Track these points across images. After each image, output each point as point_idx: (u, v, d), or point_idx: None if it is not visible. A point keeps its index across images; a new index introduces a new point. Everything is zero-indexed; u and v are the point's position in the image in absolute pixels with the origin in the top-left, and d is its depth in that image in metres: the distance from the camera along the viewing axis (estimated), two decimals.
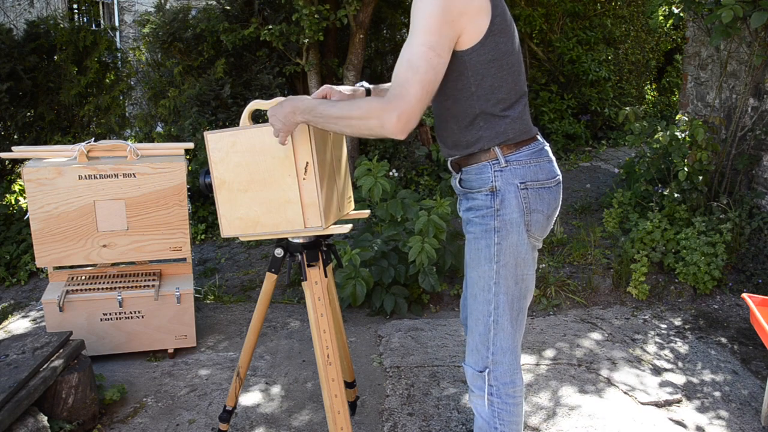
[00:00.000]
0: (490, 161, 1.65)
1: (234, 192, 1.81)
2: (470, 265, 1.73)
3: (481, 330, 1.71)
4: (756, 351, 3.02)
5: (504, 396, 1.73)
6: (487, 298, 1.68)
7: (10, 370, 2.22)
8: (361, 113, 1.51)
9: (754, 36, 3.68)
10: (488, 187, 1.65)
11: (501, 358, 1.71)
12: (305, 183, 1.76)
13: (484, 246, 1.67)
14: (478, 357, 1.73)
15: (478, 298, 1.71)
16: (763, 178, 3.78)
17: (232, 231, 1.85)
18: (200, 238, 4.93)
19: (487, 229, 1.66)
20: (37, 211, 2.81)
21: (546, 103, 7.07)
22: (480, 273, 1.69)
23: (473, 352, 1.74)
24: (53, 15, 5.67)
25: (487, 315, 1.69)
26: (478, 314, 1.71)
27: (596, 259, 3.90)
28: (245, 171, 1.79)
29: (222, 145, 1.79)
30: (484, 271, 1.68)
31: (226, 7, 5.45)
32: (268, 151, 1.75)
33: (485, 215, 1.66)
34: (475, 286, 1.71)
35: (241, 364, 2.13)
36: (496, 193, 1.64)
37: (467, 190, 1.71)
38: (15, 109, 5.05)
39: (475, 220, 1.69)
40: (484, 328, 1.70)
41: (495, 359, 1.71)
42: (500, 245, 1.65)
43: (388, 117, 1.46)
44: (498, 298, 1.67)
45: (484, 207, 1.66)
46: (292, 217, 1.79)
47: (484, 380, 1.72)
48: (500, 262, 1.66)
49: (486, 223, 1.66)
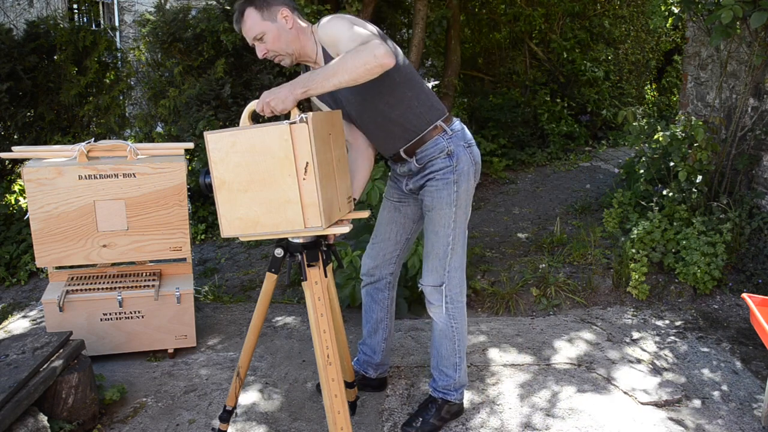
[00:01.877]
0: (440, 134, 2.19)
1: (234, 192, 1.80)
2: (433, 210, 2.22)
3: (440, 255, 2.25)
4: (756, 351, 3.02)
5: (455, 302, 2.32)
6: (447, 232, 2.23)
7: (10, 370, 2.22)
8: (352, 54, 1.82)
9: (754, 36, 3.68)
10: (445, 152, 2.19)
11: (454, 274, 2.28)
12: (305, 183, 1.75)
13: (446, 195, 2.19)
14: (436, 275, 2.27)
15: (439, 233, 2.23)
16: (763, 178, 3.78)
17: (232, 231, 1.84)
18: (200, 238, 4.93)
19: (447, 182, 2.19)
20: (37, 211, 2.81)
21: (545, 103, 7.07)
22: (442, 215, 2.21)
23: (432, 272, 2.27)
24: (53, 15, 5.67)
25: (446, 245, 2.23)
26: (439, 244, 2.24)
27: (596, 259, 3.90)
28: (245, 171, 1.78)
29: (222, 145, 1.79)
30: (446, 213, 2.21)
31: (226, 7, 5.44)
32: (268, 151, 1.75)
33: (446, 172, 2.19)
34: (437, 225, 2.23)
35: (241, 365, 2.13)
36: (451, 155, 2.19)
37: (427, 162, 2.21)
38: (15, 109, 5.05)
39: (437, 177, 2.19)
40: (443, 253, 2.24)
41: (450, 275, 2.27)
42: (458, 193, 2.20)
43: (375, 45, 1.81)
44: (455, 231, 2.23)
45: (444, 167, 2.19)
46: (292, 217, 1.78)
47: (441, 293, 2.28)
48: (458, 204, 2.21)
49: (446, 178, 2.19)
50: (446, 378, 2.42)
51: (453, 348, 2.38)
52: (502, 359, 2.94)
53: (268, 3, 2.06)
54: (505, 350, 3.03)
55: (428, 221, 2.26)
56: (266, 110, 1.82)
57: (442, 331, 2.36)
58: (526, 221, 4.91)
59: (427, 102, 2.20)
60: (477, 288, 3.70)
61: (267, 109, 1.82)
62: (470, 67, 7.76)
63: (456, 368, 2.41)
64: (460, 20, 6.66)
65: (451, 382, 2.42)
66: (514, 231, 4.69)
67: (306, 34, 2.11)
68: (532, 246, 4.31)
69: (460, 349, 2.39)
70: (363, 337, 2.65)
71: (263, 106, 1.82)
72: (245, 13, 2.05)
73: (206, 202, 5.14)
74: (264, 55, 2.08)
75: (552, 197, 5.46)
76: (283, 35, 2.06)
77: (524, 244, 4.40)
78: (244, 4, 2.06)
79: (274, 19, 2.05)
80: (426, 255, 2.30)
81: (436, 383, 2.45)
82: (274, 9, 2.05)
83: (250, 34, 2.07)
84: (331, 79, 1.81)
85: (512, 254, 4.21)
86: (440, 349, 2.39)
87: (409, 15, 6.68)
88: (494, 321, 3.42)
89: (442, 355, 2.40)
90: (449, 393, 2.44)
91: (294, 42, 2.08)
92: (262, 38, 2.06)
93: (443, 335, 2.37)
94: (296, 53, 2.11)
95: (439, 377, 2.43)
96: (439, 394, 2.44)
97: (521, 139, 6.80)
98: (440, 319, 2.34)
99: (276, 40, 2.05)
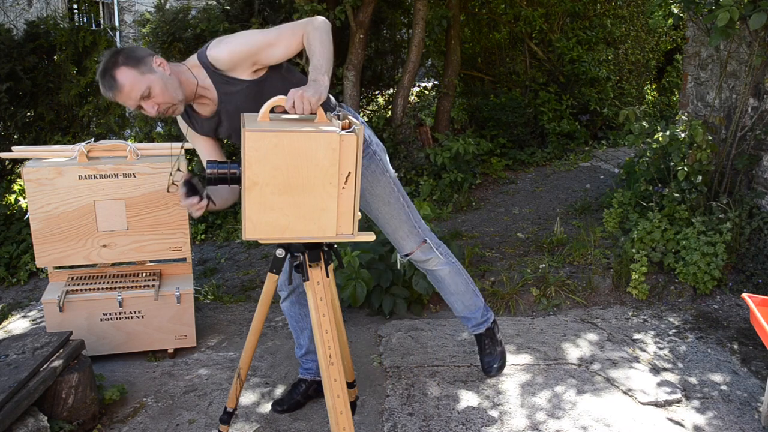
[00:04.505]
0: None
1: (266, 195, 1.69)
2: (372, 186, 2.27)
3: (404, 218, 2.35)
4: (756, 351, 3.02)
5: (439, 243, 2.45)
6: (396, 196, 2.32)
7: (10, 370, 2.22)
8: (317, 32, 1.93)
9: (754, 36, 3.68)
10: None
11: (422, 224, 2.41)
12: (344, 192, 1.71)
13: (375, 167, 2.26)
14: (413, 236, 2.38)
15: (390, 201, 2.31)
16: (763, 178, 3.78)
17: (257, 234, 1.74)
18: (200, 238, 4.93)
19: (369, 155, 2.24)
20: (37, 211, 2.81)
21: (545, 103, 7.07)
22: (383, 184, 2.29)
23: (408, 237, 2.37)
24: (53, 15, 5.67)
25: (401, 206, 2.33)
26: (397, 211, 2.33)
27: (596, 259, 3.90)
28: (283, 175, 1.68)
29: (262, 144, 1.65)
30: (384, 181, 2.29)
31: (226, 7, 5.45)
32: (313, 157, 1.67)
33: (365, 149, 2.22)
34: (384, 196, 2.30)
35: (242, 365, 2.13)
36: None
37: None
38: (15, 109, 5.05)
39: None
40: (405, 215, 2.34)
41: (422, 227, 2.40)
42: (382, 160, 2.29)
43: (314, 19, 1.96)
44: (399, 191, 2.33)
45: (364, 145, 2.14)
46: (326, 224, 1.73)
47: (429, 246, 2.40)
48: (387, 170, 2.30)
49: (367, 152, 2.23)
50: (476, 309, 2.59)
51: (465, 280, 2.55)
52: None
53: (139, 57, 1.91)
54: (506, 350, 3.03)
55: (374, 200, 2.30)
56: (299, 106, 1.73)
57: (451, 273, 2.50)
58: (526, 221, 4.91)
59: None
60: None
61: (300, 105, 1.74)
62: (470, 67, 7.76)
63: (475, 293, 2.59)
64: (460, 20, 6.66)
65: (480, 308, 2.60)
66: (514, 231, 4.70)
67: (183, 72, 1.99)
68: (532, 246, 4.31)
69: (467, 277, 2.57)
70: (303, 346, 2.56)
71: (296, 101, 1.73)
72: (118, 77, 1.87)
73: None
74: (157, 110, 1.92)
75: (552, 197, 5.46)
76: (168, 84, 1.91)
77: (524, 244, 4.40)
78: (112, 68, 1.88)
79: (153, 71, 1.90)
80: (392, 229, 2.36)
81: (474, 320, 2.60)
82: (147, 60, 1.91)
83: (133, 95, 1.88)
84: (328, 55, 1.90)
85: (512, 254, 4.21)
86: (458, 288, 2.53)
87: (409, 15, 6.68)
88: None
89: (462, 291, 2.54)
90: (487, 318, 2.63)
91: (179, 87, 1.96)
92: (149, 94, 1.89)
93: (453, 274, 2.50)
94: (185, 97, 1.98)
95: (472, 314, 2.59)
96: (482, 327, 2.62)
97: (521, 139, 6.80)
98: (442, 265, 2.47)
99: (164, 91, 1.90)
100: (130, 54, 1.92)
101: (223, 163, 1.79)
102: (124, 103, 1.92)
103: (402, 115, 5.83)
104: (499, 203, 5.43)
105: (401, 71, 6.24)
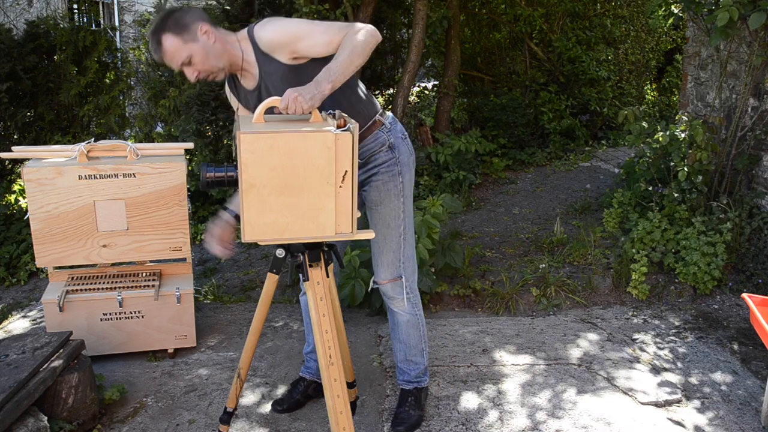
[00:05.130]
0: (379, 128, 2.19)
1: (264, 197, 1.69)
2: (381, 204, 2.22)
3: (394, 248, 2.27)
4: (756, 351, 3.02)
5: (413, 291, 2.37)
6: (398, 223, 2.25)
7: (10, 370, 2.22)
8: (355, 38, 1.87)
9: (754, 36, 3.68)
10: (386, 145, 2.19)
11: (408, 264, 2.32)
12: (341, 191, 1.71)
13: (393, 187, 2.21)
14: (393, 268, 2.29)
15: (391, 225, 2.24)
16: (763, 178, 3.78)
17: (255, 236, 1.73)
18: (200, 238, 4.93)
19: (393, 174, 2.20)
20: (37, 211, 2.81)
21: (545, 103, 7.07)
22: (392, 207, 2.23)
23: (388, 266, 2.29)
24: (53, 15, 5.66)
25: (399, 236, 2.26)
26: (392, 237, 2.25)
27: (596, 259, 3.90)
28: (280, 176, 1.67)
29: (257, 146, 1.63)
30: (395, 205, 2.23)
31: (226, 7, 5.44)
32: (309, 157, 1.66)
33: (390, 165, 2.20)
34: (387, 217, 2.24)
35: (242, 365, 2.13)
36: (393, 147, 2.20)
37: (369, 156, 2.19)
38: (15, 109, 5.05)
39: (381, 170, 2.20)
40: (397, 245, 2.27)
41: (405, 265, 2.30)
42: (403, 183, 2.23)
43: (365, 26, 1.91)
44: (405, 222, 2.26)
45: (388, 160, 2.19)
46: (325, 223, 1.73)
47: (401, 285, 2.31)
48: (405, 195, 2.24)
49: (391, 170, 2.20)
50: (416, 366, 2.47)
51: (419, 335, 2.44)
52: (502, 359, 2.94)
53: (185, 24, 1.95)
54: (505, 350, 3.03)
55: (377, 216, 2.25)
56: (291, 108, 1.74)
57: (409, 322, 2.41)
58: (526, 221, 4.91)
59: (364, 97, 2.19)
60: (477, 288, 3.70)
61: (293, 107, 1.74)
62: (470, 67, 7.76)
63: (423, 353, 2.47)
64: (460, 20, 6.66)
65: (420, 368, 2.48)
66: (514, 231, 4.69)
67: (230, 42, 2.03)
68: (532, 246, 4.31)
69: (423, 333, 2.46)
70: (311, 344, 2.58)
71: (289, 103, 1.74)
72: (163, 42, 1.94)
73: (206, 202, 5.14)
74: (196, 77, 2.00)
75: (552, 197, 5.46)
76: (210, 52, 1.97)
77: (524, 244, 4.40)
78: (159, 32, 1.94)
79: (196, 39, 1.95)
80: (378, 251, 2.29)
81: (408, 375, 2.48)
82: (193, 28, 1.95)
83: (175, 61, 1.96)
84: (350, 67, 1.85)
85: (512, 254, 4.21)
86: (408, 340, 2.44)
87: (409, 15, 6.68)
88: (494, 321, 3.42)
89: (411, 345, 2.45)
90: (422, 380, 2.50)
91: (222, 55, 2.00)
92: (190, 62, 1.97)
93: (410, 325, 2.42)
94: (227, 65, 2.03)
95: (409, 368, 2.48)
96: (412, 385, 2.49)
97: (521, 138, 6.80)
98: (404, 311, 2.38)
99: (204, 60, 1.97)
100: (179, 20, 1.96)
101: (219, 166, 1.79)
102: (168, 64, 2.01)
103: (402, 115, 5.83)
104: (499, 203, 5.43)
105: (401, 71, 6.24)
